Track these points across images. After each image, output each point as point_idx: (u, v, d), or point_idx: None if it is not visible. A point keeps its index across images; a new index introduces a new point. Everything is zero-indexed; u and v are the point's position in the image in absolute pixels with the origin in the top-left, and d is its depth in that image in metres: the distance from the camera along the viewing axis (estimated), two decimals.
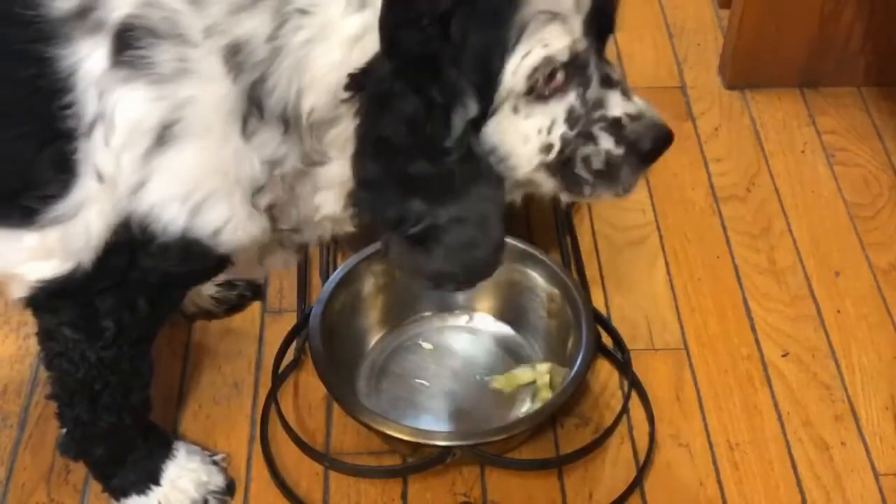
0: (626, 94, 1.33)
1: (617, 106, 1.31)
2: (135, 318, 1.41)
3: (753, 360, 1.87)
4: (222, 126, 1.26)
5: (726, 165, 2.22)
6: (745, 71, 2.36)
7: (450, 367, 1.84)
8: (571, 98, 1.29)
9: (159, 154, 1.25)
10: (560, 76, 1.27)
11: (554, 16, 1.23)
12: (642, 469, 1.71)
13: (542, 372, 1.78)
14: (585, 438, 1.74)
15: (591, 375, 1.82)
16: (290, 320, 1.88)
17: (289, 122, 1.27)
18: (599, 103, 1.31)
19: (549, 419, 1.74)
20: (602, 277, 2.00)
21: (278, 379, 1.78)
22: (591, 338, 1.74)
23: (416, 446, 1.66)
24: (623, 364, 1.83)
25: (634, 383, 1.81)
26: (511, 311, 1.88)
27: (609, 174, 1.33)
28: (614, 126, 1.31)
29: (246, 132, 1.27)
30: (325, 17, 1.24)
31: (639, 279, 2.00)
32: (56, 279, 1.34)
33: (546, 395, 1.75)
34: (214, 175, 1.28)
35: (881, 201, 2.15)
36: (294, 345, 1.83)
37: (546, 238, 2.04)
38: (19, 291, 1.38)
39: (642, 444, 1.75)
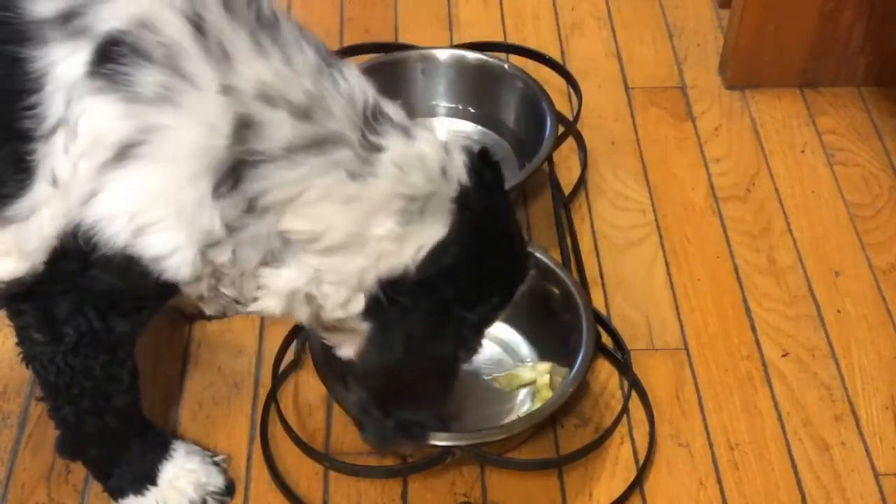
0: None
1: None
2: (92, 327, 1.39)
3: (753, 360, 1.87)
4: (194, 168, 1.25)
5: (726, 165, 2.22)
6: (745, 71, 2.35)
7: None
8: None
9: (116, 168, 1.24)
10: None
11: None
12: (642, 469, 1.71)
13: (542, 372, 1.78)
14: (585, 438, 1.74)
15: (591, 375, 1.82)
16: (290, 320, 1.88)
17: (255, 210, 1.30)
18: None
19: (549, 419, 1.74)
20: (602, 277, 2.00)
21: (278, 379, 1.78)
22: (591, 338, 1.73)
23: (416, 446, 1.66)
24: (623, 364, 1.83)
25: (634, 383, 1.81)
26: (511, 311, 1.87)
27: None
28: None
29: (216, 192, 1.27)
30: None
31: (639, 279, 2.00)
32: (14, 280, 1.34)
33: (546, 395, 1.75)
34: (168, 205, 1.27)
35: (881, 201, 2.15)
36: (294, 345, 1.83)
37: (546, 238, 2.04)
38: None
39: (642, 444, 1.75)
